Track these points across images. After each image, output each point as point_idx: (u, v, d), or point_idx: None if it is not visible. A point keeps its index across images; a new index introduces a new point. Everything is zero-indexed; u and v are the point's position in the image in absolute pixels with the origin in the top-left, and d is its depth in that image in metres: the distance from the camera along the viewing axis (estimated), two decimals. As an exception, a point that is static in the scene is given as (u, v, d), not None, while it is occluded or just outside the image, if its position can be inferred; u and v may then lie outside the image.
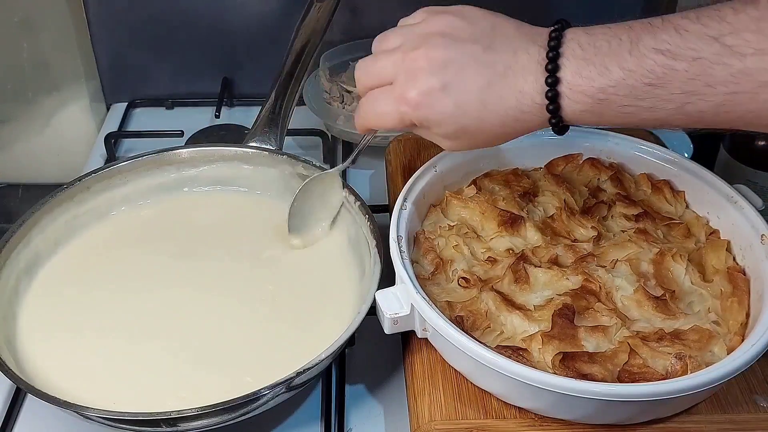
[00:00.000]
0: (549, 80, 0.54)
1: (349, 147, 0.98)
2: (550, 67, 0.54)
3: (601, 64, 0.53)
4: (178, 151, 0.81)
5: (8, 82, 1.02)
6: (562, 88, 0.53)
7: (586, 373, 0.56)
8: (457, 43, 0.57)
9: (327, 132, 0.97)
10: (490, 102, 0.56)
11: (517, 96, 0.55)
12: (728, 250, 0.67)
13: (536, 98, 0.54)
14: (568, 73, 0.54)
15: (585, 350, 0.59)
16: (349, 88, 0.98)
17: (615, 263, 0.65)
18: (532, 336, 0.60)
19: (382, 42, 0.63)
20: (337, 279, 0.73)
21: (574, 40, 0.56)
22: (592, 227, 0.69)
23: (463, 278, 0.65)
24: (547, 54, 0.55)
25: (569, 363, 0.57)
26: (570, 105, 0.54)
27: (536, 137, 0.77)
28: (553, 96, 0.53)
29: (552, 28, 0.57)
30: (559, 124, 0.55)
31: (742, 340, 0.59)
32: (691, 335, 0.60)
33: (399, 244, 0.64)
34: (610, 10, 1.05)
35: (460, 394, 0.61)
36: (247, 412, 0.60)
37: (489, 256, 0.67)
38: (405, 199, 0.69)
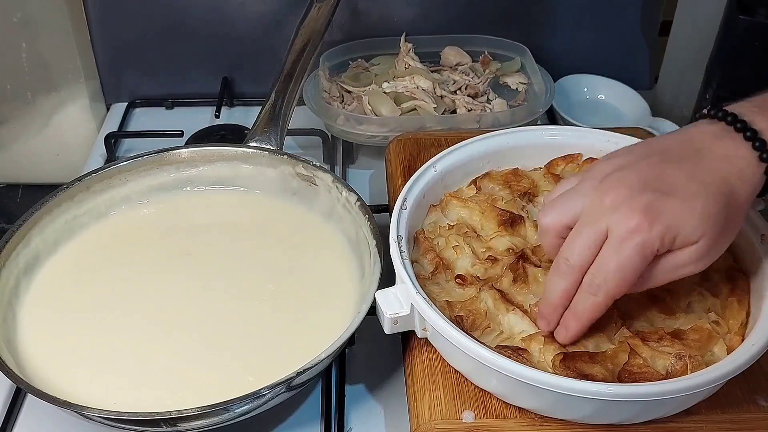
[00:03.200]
0: (748, 133, 0.54)
1: (348, 147, 0.98)
2: (739, 124, 0.55)
3: None
4: (178, 151, 0.81)
5: (8, 82, 1.02)
6: (765, 135, 0.54)
7: (586, 373, 0.56)
8: (636, 165, 0.56)
9: (327, 132, 0.97)
10: (706, 179, 0.54)
11: (725, 161, 0.54)
12: (728, 249, 0.67)
13: (745, 153, 0.54)
14: (759, 119, 0.55)
15: (585, 350, 0.59)
16: (349, 88, 0.98)
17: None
18: (532, 336, 0.60)
19: (559, 212, 0.58)
20: (337, 279, 0.73)
21: (739, 105, 0.57)
22: (592, 227, 0.69)
23: (459, 276, 0.65)
24: (726, 118, 0.56)
25: (569, 363, 0.57)
26: None
27: (536, 137, 0.77)
28: (761, 144, 0.54)
29: (704, 112, 0.58)
30: None
31: (742, 340, 0.59)
32: (691, 335, 0.60)
33: (399, 244, 0.64)
34: (610, 4, 1.05)
35: (460, 394, 0.61)
36: (247, 412, 0.60)
37: (489, 256, 0.67)
38: (405, 199, 0.69)
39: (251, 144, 0.81)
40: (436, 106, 0.94)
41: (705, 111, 0.58)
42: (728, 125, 0.55)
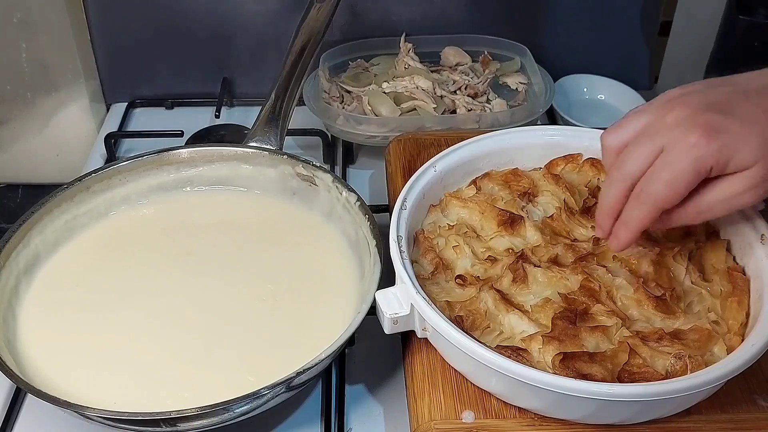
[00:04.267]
0: None
1: (349, 147, 0.98)
2: None
3: None
4: (178, 151, 0.81)
5: (7, 82, 1.02)
6: None
7: (586, 373, 0.56)
8: (704, 91, 0.56)
9: (327, 132, 0.97)
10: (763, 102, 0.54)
11: None
12: (728, 249, 0.67)
13: None
14: None
15: (585, 350, 0.59)
16: (349, 88, 0.98)
17: (615, 263, 0.65)
18: (532, 336, 0.60)
19: (622, 130, 0.59)
20: (337, 279, 0.73)
21: None
22: (592, 227, 0.69)
23: (459, 277, 0.65)
24: None
25: (569, 363, 0.57)
26: None
27: (536, 137, 0.77)
28: None
29: None
30: None
31: (742, 340, 0.59)
32: (691, 335, 0.60)
33: (399, 244, 0.64)
34: (610, 4, 1.05)
35: (460, 394, 0.61)
36: (247, 412, 0.60)
37: (489, 256, 0.67)
38: (405, 199, 0.69)
39: (251, 144, 0.81)
40: (436, 106, 0.94)
41: None
42: None
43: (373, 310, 0.63)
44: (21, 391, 0.69)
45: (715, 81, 0.58)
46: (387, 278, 0.65)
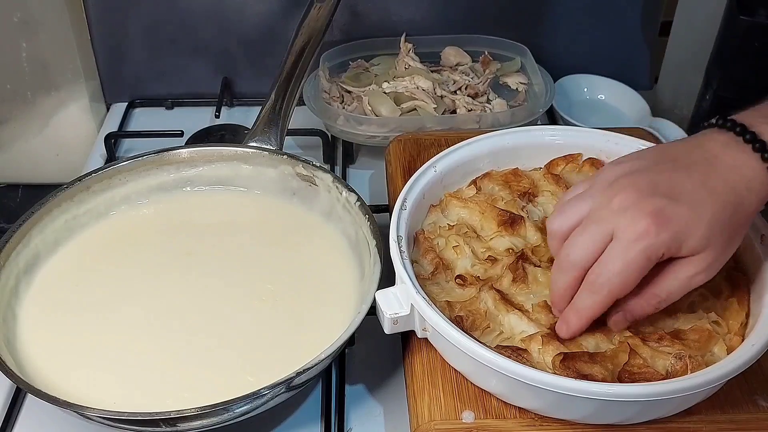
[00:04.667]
0: (757, 145, 0.54)
1: (349, 147, 0.98)
2: (748, 135, 0.55)
3: None
4: (178, 151, 0.81)
5: (7, 82, 1.02)
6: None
7: (586, 373, 0.56)
8: (646, 170, 0.56)
9: (327, 132, 0.97)
10: (716, 188, 0.54)
11: (735, 171, 0.55)
12: (728, 250, 0.67)
13: (754, 164, 0.54)
14: (766, 130, 0.55)
15: (585, 350, 0.59)
16: (349, 88, 0.98)
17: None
18: (531, 336, 0.60)
19: (567, 215, 0.58)
20: (337, 279, 0.73)
21: (748, 113, 0.57)
22: (592, 227, 0.69)
23: (459, 277, 0.65)
24: (735, 128, 0.56)
25: (569, 363, 0.57)
26: None
27: (536, 137, 0.77)
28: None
29: (713, 121, 0.58)
30: None
31: (742, 340, 0.59)
32: (691, 335, 0.60)
33: (399, 244, 0.64)
34: (610, 4, 1.05)
35: (460, 394, 0.61)
36: (247, 412, 0.60)
37: (489, 256, 0.67)
38: (405, 199, 0.69)
39: (251, 144, 0.81)
40: (436, 106, 0.94)
41: (713, 120, 0.58)
42: (737, 135, 0.56)
43: (373, 310, 0.63)
44: (21, 391, 0.69)
45: (654, 155, 0.58)
46: (387, 278, 0.65)
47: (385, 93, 0.96)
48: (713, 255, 0.55)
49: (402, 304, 0.61)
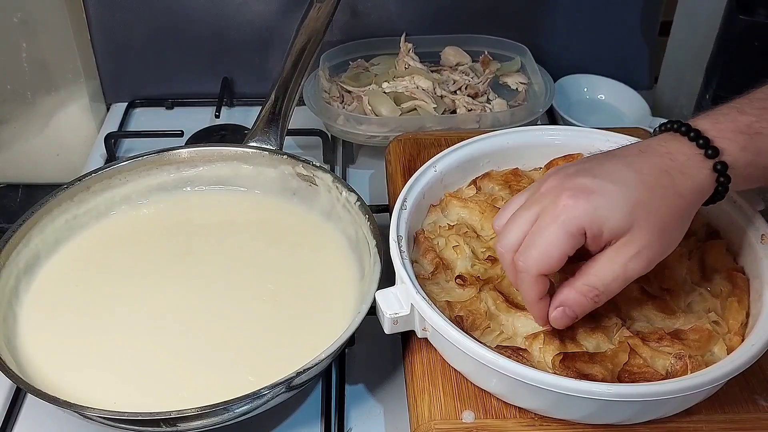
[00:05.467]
0: (691, 134, 0.54)
1: (349, 147, 0.98)
2: (683, 128, 0.55)
3: (728, 113, 0.55)
4: (178, 151, 0.81)
5: (8, 82, 1.02)
6: (709, 133, 0.54)
7: (586, 373, 0.56)
8: (578, 162, 0.57)
9: (327, 132, 0.97)
10: (643, 169, 0.54)
11: (667, 156, 0.54)
12: (728, 250, 0.67)
13: (688, 150, 0.54)
14: (705, 122, 0.55)
15: (585, 350, 0.59)
16: (349, 88, 0.98)
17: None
18: (532, 336, 0.60)
19: (506, 211, 0.59)
20: (337, 279, 0.73)
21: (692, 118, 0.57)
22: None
23: (459, 277, 0.65)
24: (672, 126, 0.56)
25: (569, 363, 0.57)
26: (726, 143, 0.54)
27: (536, 137, 0.77)
28: (704, 141, 0.54)
29: (655, 129, 0.59)
30: (724, 169, 0.54)
31: (742, 340, 0.59)
32: (691, 335, 0.60)
33: (399, 244, 0.64)
34: (610, 4, 1.05)
35: (460, 394, 0.61)
36: (247, 412, 0.60)
37: (489, 256, 0.67)
38: (405, 199, 0.69)
39: (251, 144, 0.81)
40: (436, 106, 0.94)
41: (657, 128, 0.58)
42: (674, 132, 0.56)
43: (373, 310, 0.63)
44: (21, 391, 0.69)
45: (591, 155, 0.59)
46: (387, 278, 0.65)
47: (385, 93, 0.96)
48: (643, 239, 0.53)
49: (402, 304, 0.61)
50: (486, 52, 1.04)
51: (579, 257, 0.56)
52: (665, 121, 0.58)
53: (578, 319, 0.57)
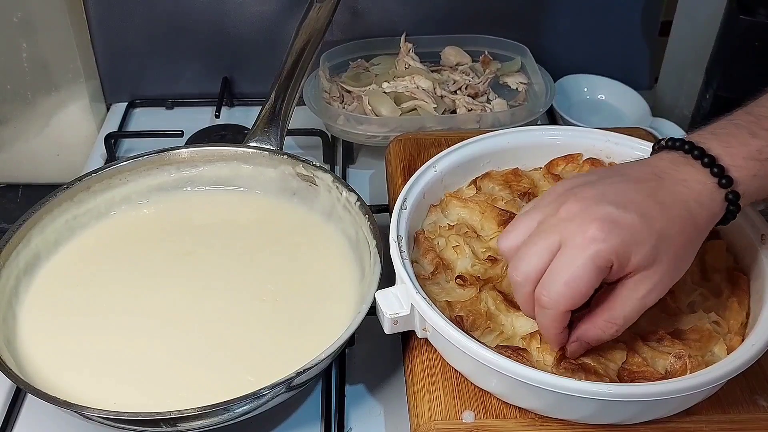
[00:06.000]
0: (705, 160, 0.54)
1: (349, 147, 0.98)
2: (696, 152, 0.54)
3: (737, 135, 0.54)
4: (178, 151, 0.81)
5: (8, 82, 1.02)
6: (723, 160, 0.53)
7: (587, 370, 0.56)
8: (595, 182, 0.55)
9: (327, 132, 0.97)
10: (665, 200, 0.53)
11: (683, 184, 0.54)
12: (728, 250, 0.67)
13: (703, 179, 0.54)
14: (715, 145, 0.54)
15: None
16: (349, 88, 0.98)
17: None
18: (532, 336, 0.60)
19: (516, 232, 0.56)
20: (337, 279, 0.73)
21: (696, 133, 0.56)
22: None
23: (459, 277, 0.65)
24: (684, 147, 0.55)
25: (569, 363, 0.57)
26: (738, 172, 0.53)
27: (536, 137, 0.77)
28: (719, 169, 0.53)
29: (662, 143, 0.58)
30: (735, 198, 0.54)
31: (742, 340, 0.59)
32: (691, 335, 0.60)
33: (399, 244, 0.64)
34: (610, 4, 1.05)
35: (460, 394, 0.61)
36: (247, 412, 0.60)
37: (489, 256, 0.67)
38: (405, 199, 0.69)
39: (251, 144, 0.81)
40: (436, 106, 0.94)
41: (662, 142, 0.58)
42: (686, 153, 0.55)
43: (373, 310, 0.63)
44: (21, 391, 0.69)
45: (603, 171, 0.58)
46: (387, 278, 0.65)
47: (385, 93, 0.96)
48: (662, 270, 0.53)
49: (402, 304, 0.61)
50: (486, 52, 1.04)
51: None
52: (674, 138, 0.57)
53: None
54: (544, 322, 0.55)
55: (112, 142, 0.98)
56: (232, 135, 0.98)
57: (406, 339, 0.66)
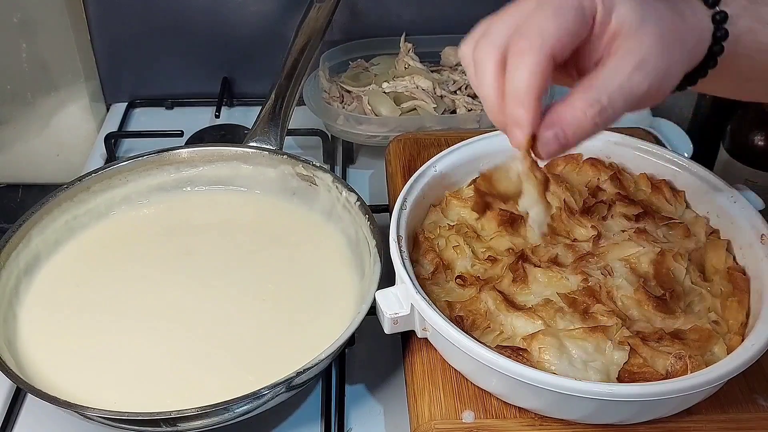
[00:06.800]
0: None
1: (349, 147, 0.98)
2: None
3: None
4: (178, 151, 0.81)
5: (7, 82, 1.02)
6: None
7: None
8: None
9: (327, 132, 0.97)
10: None
11: None
12: (728, 250, 0.67)
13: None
14: None
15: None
16: (349, 88, 0.98)
17: (615, 263, 0.65)
18: (532, 336, 0.60)
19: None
20: (337, 279, 0.73)
21: None
22: (592, 227, 0.69)
23: (459, 277, 0.65)
24: None
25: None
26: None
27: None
28: None
29: None
30: (723, 20, 0.49)
31: (742, 340, 0.59)
32: (691, 335, 0.60)
33: (399, 244, 0.64)
34: None
35: (460, 394, 0.61)
36: (247, 412, 0.60)
37: (489, 256, 0.67)
38: (405, 199, 0.69)
39: (251, 144, 0.81)
40: (436, 106, 0.94)
41: None
42: None
43: (373, 310, 0.63)
44: (21, 391, 0.69)
45: None
46: (387, 278, 0.65)
47: (385, 93, 0.96)
48: (648, 46, 0.46)
49: (402, 304, 0.61)
50: (486, 52, 1.03)
51: None
52: None
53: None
54: (522, 76, 0.46)
55: (111, 142, 0.98)
56: (232, 135, 0.98)
57: (406, 339, 0.66)
